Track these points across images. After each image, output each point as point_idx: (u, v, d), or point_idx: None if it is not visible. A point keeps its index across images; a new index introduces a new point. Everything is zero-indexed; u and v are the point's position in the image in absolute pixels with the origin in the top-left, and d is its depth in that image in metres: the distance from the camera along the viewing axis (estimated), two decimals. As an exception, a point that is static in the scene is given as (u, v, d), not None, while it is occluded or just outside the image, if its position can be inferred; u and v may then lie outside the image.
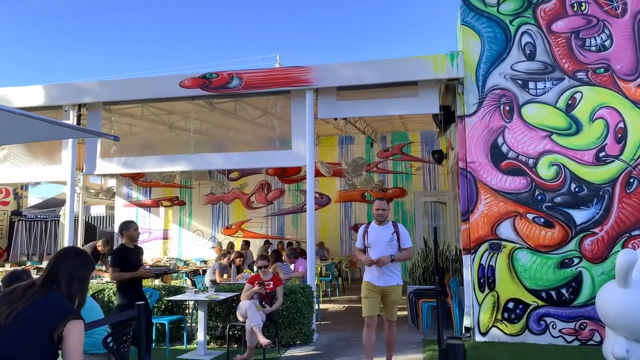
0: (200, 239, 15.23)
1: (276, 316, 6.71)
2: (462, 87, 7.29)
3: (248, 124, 10.44)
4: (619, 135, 6.83)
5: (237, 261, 9.20)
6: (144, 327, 3.11)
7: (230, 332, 6.75)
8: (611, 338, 5.00)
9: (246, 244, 12.62)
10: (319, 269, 10.56)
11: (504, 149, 7.07)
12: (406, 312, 7.88)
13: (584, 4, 7.13)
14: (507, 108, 7.13)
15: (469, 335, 6.92)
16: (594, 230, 6.75)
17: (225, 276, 8.60)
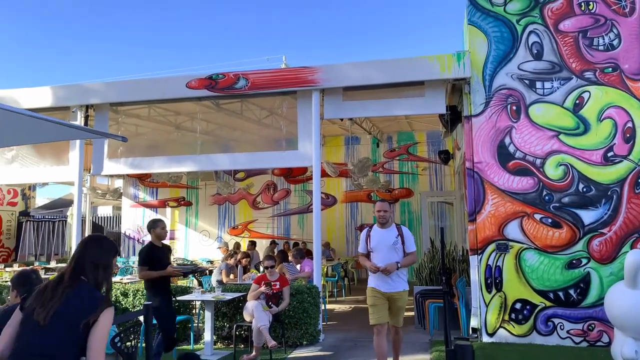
0: (207, 239, 15.26)
1: (283, 316, 6.72)
2: (469, 87, 7.27)
3: (254, 125, 10.46)
4: (628, 135, 6.79)
5: (243, 261, 9.22)
6: (151, 327, 3.12)
7: (237, 332, 6.76)
8: (620, 339, 4.98)
9: (252, 244, 12.65)
10: (325, 269, 10.55)
11: (511, 149, 7.04)
12: (413, 313, 7.86)
13: (591, 3, 7.08)
14: (514, 108, 7.10)
15: (476, 336, 6.90)
16: (602, 230, 6.71)
17: (231, 276, 8.62)
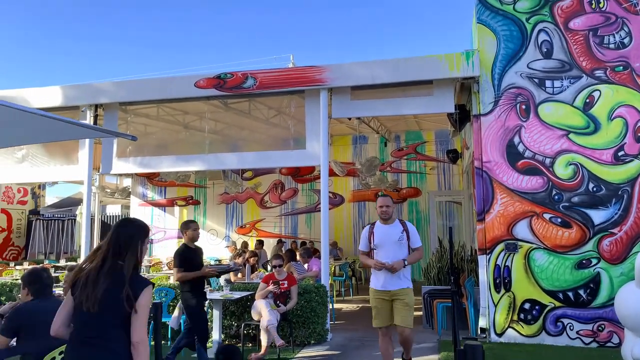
0: (215, 238, 15.30)
1: (290, 315, 6.73)
2: (478, 85, 7.24)
3: (262, 124, 10.47)
4: (639, 134, 6.72)
5: (251, 260, 9.24)
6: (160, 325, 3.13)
7: (245, 331, 6.78)
8: (630, 340, 4.93)
9: (260, 244, 12.67)
10: (332, 268, 10.55)
11: (520, 148, 7.00)
12: (421, 313, 7.84)
13: (602, 1, 7.02)
14: (524, 107, 7.05)
15: (484, 336, 6.87)
16: (613, 230, 6.65)
17: (239, 275, 8.64)
